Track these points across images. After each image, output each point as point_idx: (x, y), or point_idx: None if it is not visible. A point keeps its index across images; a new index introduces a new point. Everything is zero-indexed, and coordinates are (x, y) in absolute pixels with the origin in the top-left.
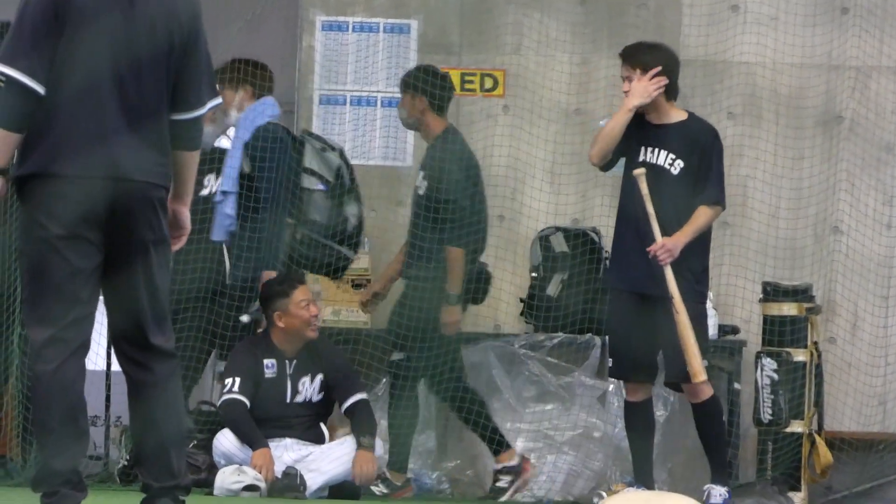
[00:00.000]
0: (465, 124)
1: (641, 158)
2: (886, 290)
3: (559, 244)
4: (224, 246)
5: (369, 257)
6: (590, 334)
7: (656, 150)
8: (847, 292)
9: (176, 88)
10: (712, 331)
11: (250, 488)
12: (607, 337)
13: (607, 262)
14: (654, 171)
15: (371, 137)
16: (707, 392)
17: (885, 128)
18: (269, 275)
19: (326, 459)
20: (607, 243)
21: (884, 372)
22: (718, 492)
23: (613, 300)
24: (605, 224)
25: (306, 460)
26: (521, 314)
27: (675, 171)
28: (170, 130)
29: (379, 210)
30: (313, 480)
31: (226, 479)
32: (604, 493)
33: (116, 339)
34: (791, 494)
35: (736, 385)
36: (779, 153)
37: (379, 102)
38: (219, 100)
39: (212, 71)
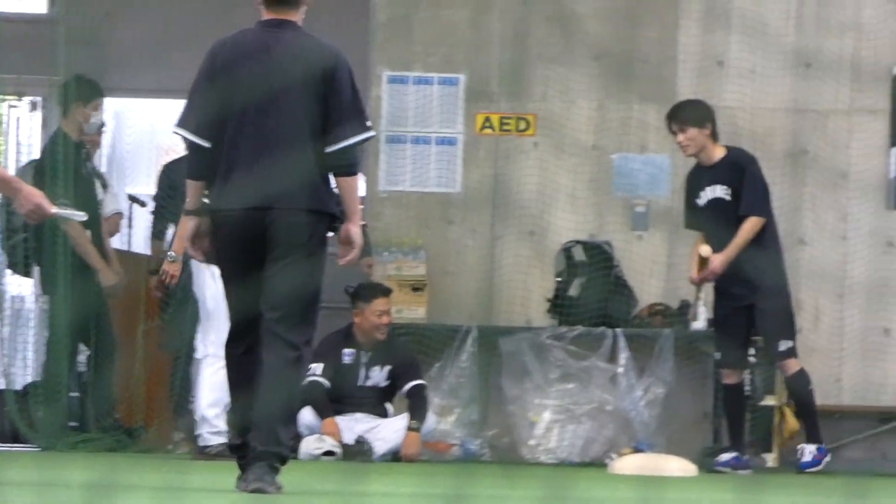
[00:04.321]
0: (503, 158)
1: (708, 198)
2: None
3: (579, 254)
4: None
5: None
6: (603, 327)
7: (714, 186)
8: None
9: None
10: (702, 324)
11: (329, 453)
12: (716, 337)
13: (619, 268)
14: (715, 203)
15: (426, 169)
16: (794, 367)
17: (840, 158)
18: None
19: (390, 430)
20: (618, 254)
21: (839, 355)
22: (809, 450)
23: (723, 313)
24: (615, 238)
25: (374, 431)
26: (548, 311)
27: (728, 197)
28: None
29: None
30: (379, 447)
31: (309, 445)
32: (614, 455)
33: None
34: (764, 455)
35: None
36: None
37: (433, 141)
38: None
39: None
